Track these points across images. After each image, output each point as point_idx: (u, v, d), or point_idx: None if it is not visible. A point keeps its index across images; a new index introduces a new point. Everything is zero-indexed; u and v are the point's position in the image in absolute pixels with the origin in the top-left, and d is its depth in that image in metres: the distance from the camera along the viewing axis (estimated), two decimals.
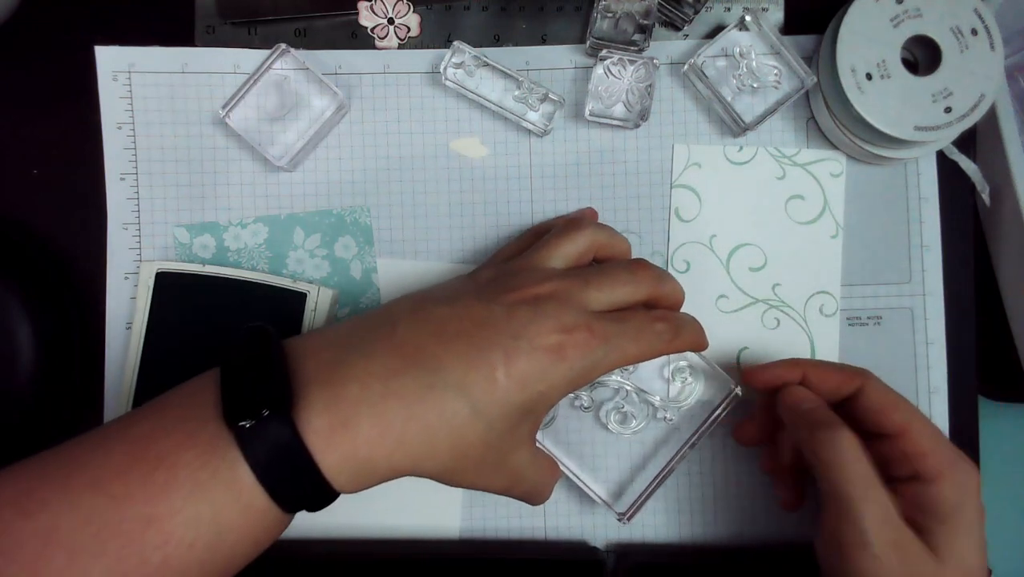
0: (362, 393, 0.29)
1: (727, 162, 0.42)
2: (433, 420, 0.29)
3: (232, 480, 0.28)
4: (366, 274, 0.41)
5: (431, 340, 0.31)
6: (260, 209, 0.41)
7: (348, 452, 0.29)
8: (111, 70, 0.41)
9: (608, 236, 0.37)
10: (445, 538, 0.41)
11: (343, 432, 0.29)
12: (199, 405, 0.29)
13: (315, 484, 0.29)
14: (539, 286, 0.32)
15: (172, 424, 0.29)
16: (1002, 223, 0.43)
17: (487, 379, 0.30)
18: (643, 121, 0.41)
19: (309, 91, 0.40)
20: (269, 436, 0.28)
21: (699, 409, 0.41)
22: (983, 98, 0.38)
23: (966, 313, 0.42)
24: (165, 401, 0.31)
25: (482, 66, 0.41)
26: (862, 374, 0.36)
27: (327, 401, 0.29)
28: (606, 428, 0.41)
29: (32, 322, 0.39)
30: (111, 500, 0.27)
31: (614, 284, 0.34)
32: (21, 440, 0.39)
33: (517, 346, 0.30)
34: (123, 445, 0.29)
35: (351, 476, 0.29)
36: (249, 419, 0.28)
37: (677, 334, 0.34)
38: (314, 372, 0.30)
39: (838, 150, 0.42)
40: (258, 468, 0.28)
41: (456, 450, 0.30)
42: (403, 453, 0.29)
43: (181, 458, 0.28)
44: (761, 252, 0.42)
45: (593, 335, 0.31)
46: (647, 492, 0.39)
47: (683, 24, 0.42)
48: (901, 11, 0.38)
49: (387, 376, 0.30)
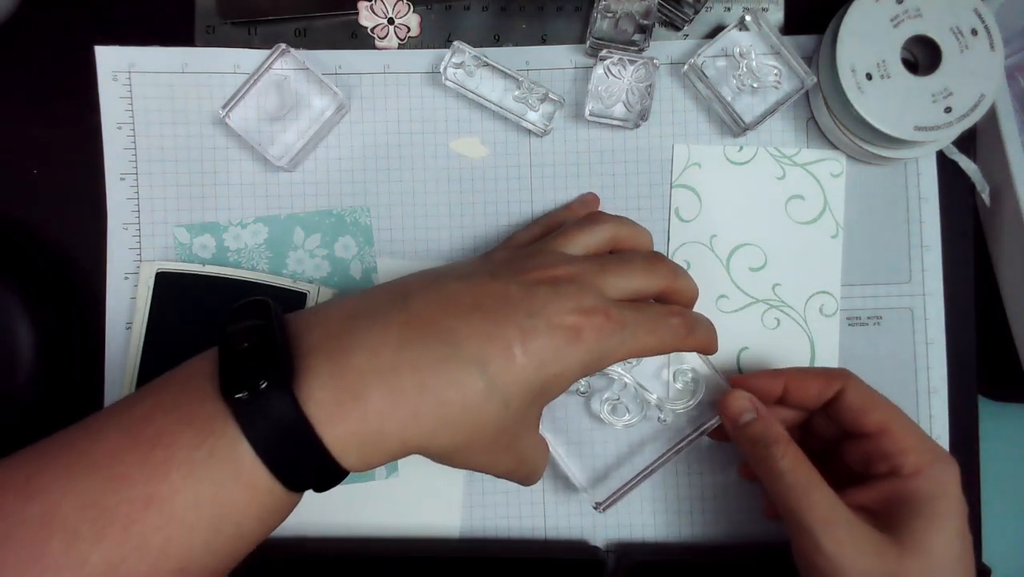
0: (372, 362, 0.28)
1: (727, 162, 0.42)
2: (449, 394, 0.28)
3: (231, 458, 0.27)
4: (366, 274, 0.41)
5: (446, 313, 0.29)
6: (260, 209, 0.41)
7: (356, 426, 0.27)
8: (111, 70, 0.41)
9: (630, 229, 0.36)
10: (445, 537, 0.41)
11: (351, 404, 0.27)
12: (198, 381, 0.28)
13: (320, 461, 0.27)
14: (556, 268, 0.32)
15: (171, 402, 0.28)
16: (1002, 223, 0.43)
17: (504, 355, 0.29)
18: (643, 121, 0.41)
19: (309, 91, 0.40)
20: (270, 410, 0.27)
21: (694, 414, 0.41)
22: (983, 98, 0.38)
23: (966, 313, 0.42)
24: (166, 380, 0.30)
25: (482, 66, 0.41)
26: (842, 376, 0.36)
27: (332, 372, 0.28)
28: (598, 417, 0.41)
29: (32, 322, 0.39)
30: (108, 482, 0.26)
31: (631, 272, 0.33)
32: (21, 440, 0.39)
33: (534, 324, 0.29)
34: (121, 426, 0.28)
35: (359, 452, 0.28)
36: (245, 391, 0.26)
37: (692, 331, 0.34)
38: (319, 341, 0.29)
39: (838, 150, 0.42)
40: (258, 445, 0.27)
41: (470, 426, 0.29)
42: (416, 427, 0.28)
43: (180, 437, 0.27)
44: (761, 252, 0.42)
45: (610, 320, 0.30)
46: (626, 487, 0.39)
47: (683, 24, 0.42)
48: (901, 11, 0.38)
49: (399, 345, 0.28)
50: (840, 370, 0.37)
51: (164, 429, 0.27)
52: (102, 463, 0.27)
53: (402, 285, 0.32)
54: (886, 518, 0.33)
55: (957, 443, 0.42)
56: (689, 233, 0.42)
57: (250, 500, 0.27)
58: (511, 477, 0.33)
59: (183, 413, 0.27)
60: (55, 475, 0.27)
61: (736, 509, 0.42)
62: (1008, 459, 0.51)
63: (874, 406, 0.35)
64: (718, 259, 0.42)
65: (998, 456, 0.48)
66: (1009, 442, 0.51)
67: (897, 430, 0.34)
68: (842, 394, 0.35)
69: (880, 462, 0.34)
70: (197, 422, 0.27)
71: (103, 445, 0.27)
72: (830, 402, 0.36)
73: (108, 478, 0.26)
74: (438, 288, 0.31)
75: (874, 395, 0.35)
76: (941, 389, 0.42)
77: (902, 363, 0.42)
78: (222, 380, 0.27)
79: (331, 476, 0.28)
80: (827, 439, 0.38)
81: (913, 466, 0.33)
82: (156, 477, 0.26)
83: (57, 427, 0.39)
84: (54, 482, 0.27)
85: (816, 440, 0.38)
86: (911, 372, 0.42)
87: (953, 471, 0.33)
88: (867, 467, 0.35)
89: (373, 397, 0.27)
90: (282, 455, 0.27)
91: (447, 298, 0.30)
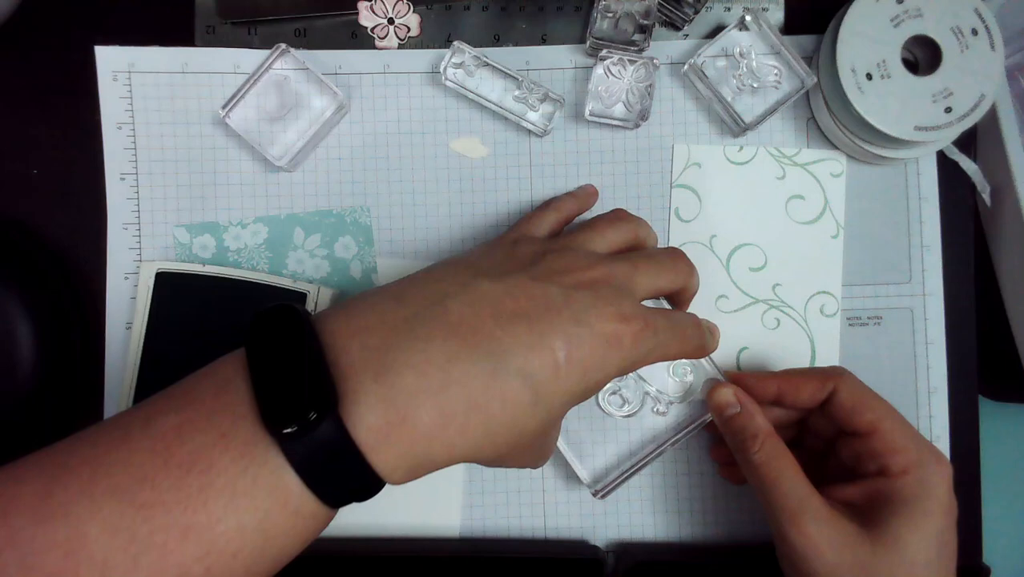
0: (420, 382, 0.27)
1: (727, 162, 0.42)
2: (496, 409, 0.28)
3: (276, 486, 0.25)
4: (366, 274, 0.41)
5: (488, 320, 0.29)
6: (260, 209, 0.41)
7: (406, 448, 0.27)
8: (111, 70, 0.41)
9: (647, 232, 0.37)
10: (445, 537, 0.41)
11: (401, 427, 0.26)
12: (230, 398, 0.27)
13: (368, 482, 0.27)
14: (592, 269, 0.32)
15: (203, 420, 0.26)
16: (1002, 223, 0.43)
17: (550, 366, 0.28)
18: (643, 121, 0.41)
19: (309, 91, 0.40)
20: (316, 438, 0.25)
21: (692, 409, 0.41)
22: (983, 98, 0.38)
23: (966, 313, 0.42)
24: (191, 389, 0.28)
25: (482, 66, 0.41)
26: (836, 375, 0.36)
27: (381, 394, 0.26)
28: (598, 404, 0.41)
29: (32, 322, 0.39)
30: (139, 509, 0.24)
31: (659, 272, 0.34)
32: (21, 440, 0.39)
33: (579, 333, 0.29)
34: (146, 442, 0.26)
35: (407, 470, 0.27)
36: (293, 424, 0.25)
37: (704, 340, 0.35)
38: (361, 360, 0.27)
39: (838, 150, 0.42)
40: (305, 472, 0.26)
41: (515, 436, 0.29)
42: (463, 443, 0.27)
43: (217, 461, 0.25)
44: (761, 252, 0.42)
45: (647, 327, 0.31)
46: (623, 476, 0.39)
47: (683, 24, 0.42)
48: (901, 11, 0.38)
49: (446, 362, 0.27)
50: (834, 369, 0.37)
51: (199, 452, 0.25)
52: (127, 486, 0.25)
53: (437, 283, 0.31)
54: (868, 514, 0.33)
55: (957, 443, 0.42)
56: (689, 233, 0.42)
57: (295, 525, 0.26)
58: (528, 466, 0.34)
59: (217, 435, 0.26)
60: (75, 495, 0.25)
61: (736, 509, 0.42)
62: (1008, 459, 0.51)
63: (866, 406, 0.35)
64: (718, 259, 0.42)
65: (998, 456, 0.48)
66: (1009, 442, 0.51)
67: (888, 430, 0.34)
68: (835, 394, 0.36)
69: (869, 461, 0.34)
70: (235, 446, 0.26)
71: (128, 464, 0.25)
72: (825, 401, 0.36)
73: (138, 505, 0.24)
74: (479, 290, 0.30)
75: (867, 394, 0.36)
76: (941, 389, 0.42)
77: (902, 363, 0.42)
78: (264, 409, 0.26)
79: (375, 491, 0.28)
80: (825, 437, 0.38)
81: (900, 466, 0.33)
82: (193, 505, 0.25)
83: (57, 427, 0.40)
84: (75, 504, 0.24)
85: (815, 437, 0.39)
86: (911, 372, 0.42)
87: (943, 472, 0.34)
88: (857, 465, 0.35)
89: (422, 418, 0.27)
90: (330, 480, 0.26)
91: (488, 302, 0.29)
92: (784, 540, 0.33)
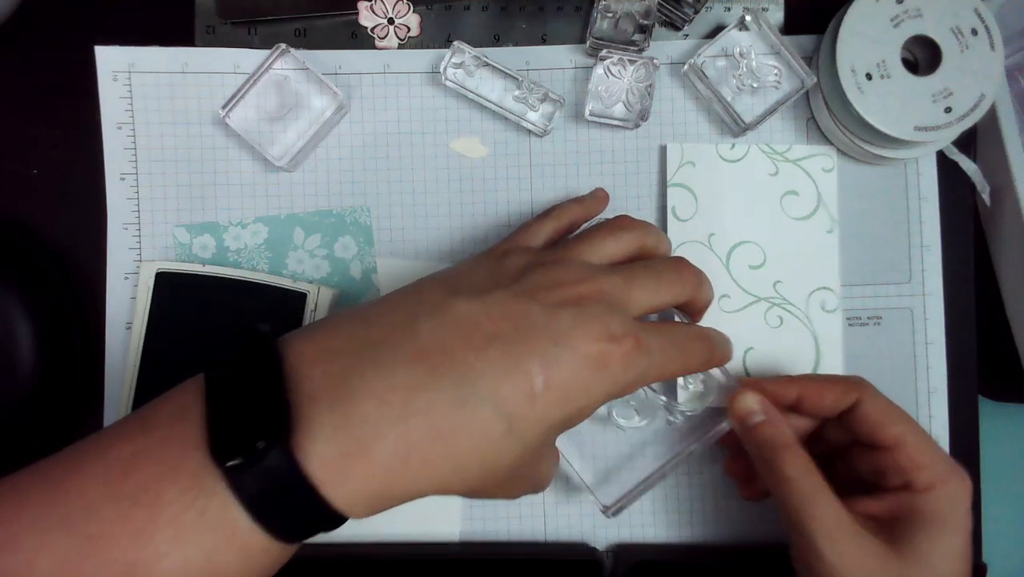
0: (380, 411, 0.25)
1: (720, 159, 0.42)
2: (464, 441, 0.26)
3: (224, 521, 0.24)
4: (366, 274, 0.41)
5: (461, 344, 0.27)
6: (260, 209, 0.41)
7: (362, 483, 0.25)
8: (111, 70, 0.41)
9: (656, 239, 0.35)
10: (445, 541, 0.41)
11: (357, 458, 0.25)
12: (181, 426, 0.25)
13: (322, 517, 0.25)
14: (581, 284, 0.29)
15: (155, 449, 0.25)
16: (1002, 223, 0.43)
17: (524, 392, 0.26)
18: (643, 121, 0.41)
19: (309, 91, 0.40)
20: (265, 471, 0.24)
21: (706, 418, 0.40)
22: (983, 98, 0.38)
23: (966, 313, 0.42)
24: (148, 416, 0.27)
25: (482, 66, 0.41)
26: (859, 386, 0.35)
27: (337, 423, 0.25)
28: (607, 418, 0.40)
29: (32, 322, 0.39)
30: (86, 541, 0.24)
31: (659, 286, 0.32)
32: (21, 440, 0.39)
33: (557, 354, 0.27)
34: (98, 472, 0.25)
35: (367, 505, 0.26)
36: (239, 456, 0.24)
37: (713, 355, 0.33)
38: (322, 386, 0.26)
39: (829, 145, 0.42)
40: (253, 508, 0.24)
41: (486, 471, 0.27)
42: (427, 477, 0.26)
43: (163, 494, 0.24)
44: (760, 249, 0.42)
45: (639, 347, 0.28)
46: (636, 491, 0.38)
47: (683, 24, 0.42)
48: (901, 11, 0.38)
49: (410, 390, 0.26)
50: (856, 379, 0.36)
51: (146, 483, 0.24)
52: (78, 517, 0.24)
53: (411, 304, 0.29)
54: (891, 529, 0.33)
55: (957, 443, 0.42)
56: (687, 232, 0.42)
57: (244, 562, 0.25)
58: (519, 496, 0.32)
59: (167, 466, 0.25)
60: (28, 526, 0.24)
61: (736, 509, 0.42)
62: (1008, 459, 0.51)
63: (891, 420, 0.34)
64: (718, 258, 0.42)
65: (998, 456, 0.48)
66: (1009, 442, 0.51)
67: (913, 445, 0.33)
68: (858, 405, 0.35)
69: (894, 475, 0.34)
70: (183, 478, 0.24)
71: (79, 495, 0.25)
72: (845, 412, 0.35)
73: (85, 537, 0.24)
74: (453, 312, 0.28)
75: (891, 408, 0.35)
76: (941, 389, 0.42)
77: (902, 363, 0.42)
78: (212, 439, 0.25)
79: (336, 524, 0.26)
80: (836, 445, 0.37)
81: (926, 482, 0.33)
82: (139, 541, 0.24)
83: (57, 427, 0.40)
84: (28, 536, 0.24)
85: (824, 445, 0.38)
86: (911, 372, 0.42)
87: (965, 489, 0.33)
88: (879, 478, 0.34)
89: (382, 451, 0.25)
90: (281, 516, 0.25)
91: (461, 324, 0.27)
92: (818, 557, 0.32)
